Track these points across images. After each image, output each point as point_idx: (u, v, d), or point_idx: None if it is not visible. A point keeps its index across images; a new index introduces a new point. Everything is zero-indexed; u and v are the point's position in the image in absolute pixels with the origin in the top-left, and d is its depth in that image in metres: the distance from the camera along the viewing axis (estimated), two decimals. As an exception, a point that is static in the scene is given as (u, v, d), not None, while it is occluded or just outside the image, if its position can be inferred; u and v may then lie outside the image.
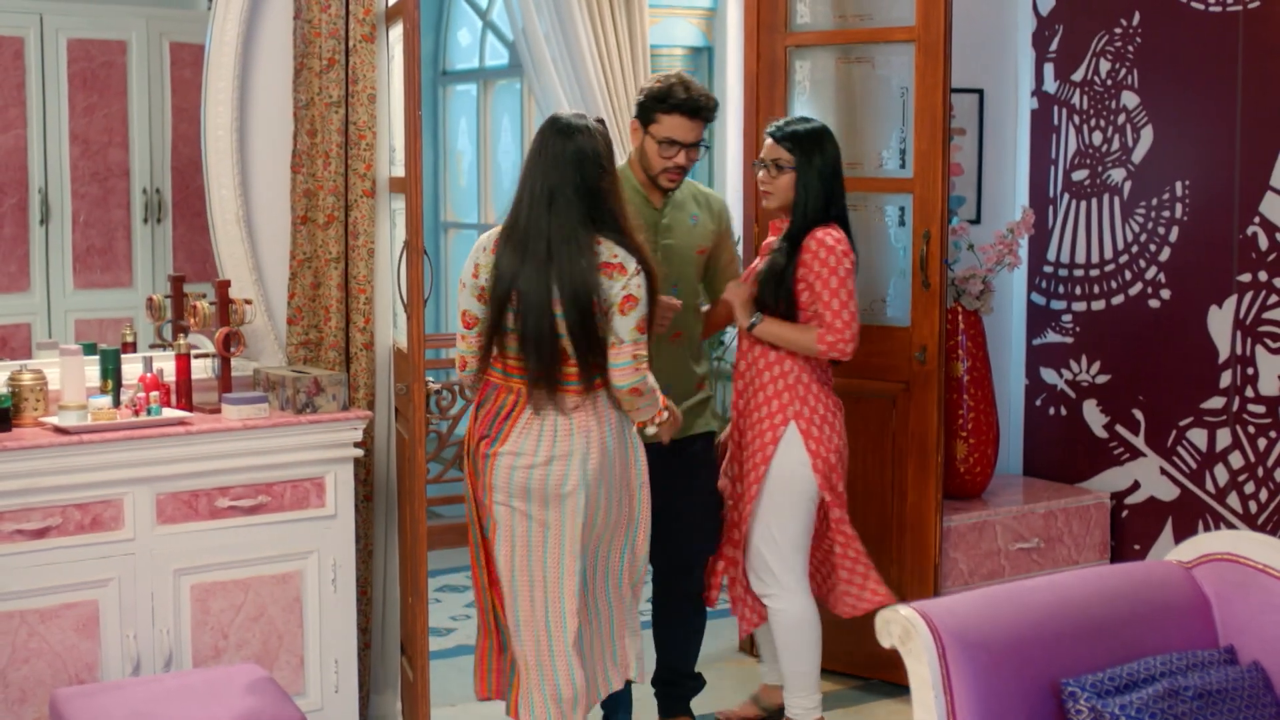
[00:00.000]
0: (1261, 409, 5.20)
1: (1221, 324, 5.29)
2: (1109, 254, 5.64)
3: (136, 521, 3.89)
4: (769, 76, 5.11)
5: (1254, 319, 5.20)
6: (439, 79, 8.75)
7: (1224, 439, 5.31)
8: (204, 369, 4.29)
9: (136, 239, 4.60)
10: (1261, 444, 5.20)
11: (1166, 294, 5.47)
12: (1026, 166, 5.91)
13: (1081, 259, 5.73)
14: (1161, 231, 5.46)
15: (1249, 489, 5.25)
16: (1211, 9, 5.28)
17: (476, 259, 3.81)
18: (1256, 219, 5.17)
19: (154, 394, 3.99)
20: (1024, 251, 5.76)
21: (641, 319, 3.73)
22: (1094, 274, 5.70)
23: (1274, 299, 5.15)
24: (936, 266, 4.79)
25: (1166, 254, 5.46)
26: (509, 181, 7.96)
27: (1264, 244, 5.16)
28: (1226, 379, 5.29)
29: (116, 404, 4.03)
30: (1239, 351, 5.25)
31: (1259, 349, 5.20)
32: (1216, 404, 5.33)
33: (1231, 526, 5.28)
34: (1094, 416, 5.73)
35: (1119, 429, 5.65)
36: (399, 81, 4.20)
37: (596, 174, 3.74)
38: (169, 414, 4.00)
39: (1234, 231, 5.23)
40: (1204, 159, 5.33)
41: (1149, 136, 5.50)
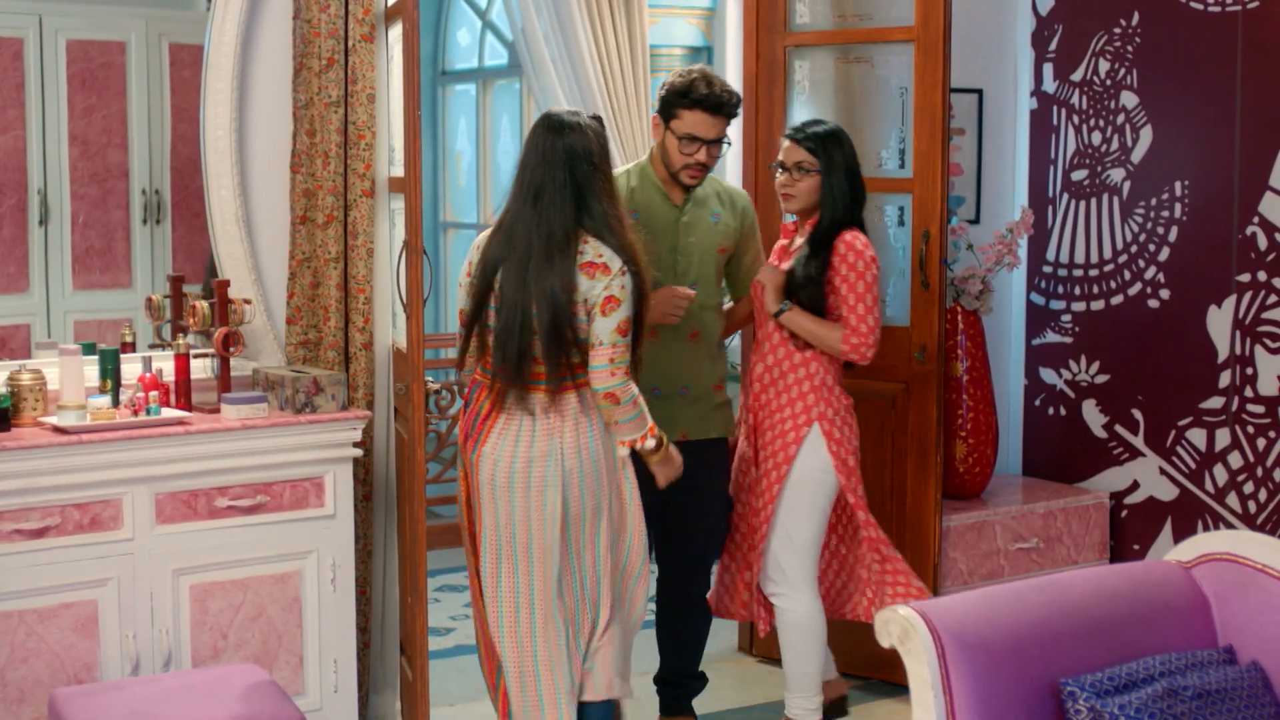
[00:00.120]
0: (1261, 409, 5.20)
1: (1221, 324, 5.29)
2: (1108, 254, 5.64)
3: (135, 521, 3.89)
4: (768, 76, 5.11)
5: (1253, 319, 5.20)
6: (438, 79, 8.75)
7: (1223, 439, 5.31)
8: (203, 369, 4.28)
9: (136, 240, 4.60)
10: (1261, 444, 5.20)
11: (1166, 294, 5.47)
12: (1026, 166, 5.91)
13: (1081, 259, 5.73)
14: (1161, 231, 5.46)
15: (1248, 489, 5.25)
16: (1210, 9, 5.28)
17: (471, 257, 3.83)
18: (1256, 219, 5.17)
19: (153, 394, 3.99)
20: (1023, 251, 5.76)
21: (623, 321, 3.66)
22: (1093, 274, 5.70)
23: (1273, 299, 5.14)
24: (936, 266, 4.79)
25: (1166, 254, 5.46)
26: (508, 181, 7.95)
27: (1263, 244, 5.15)
28: (1226, 379, 5.29)
29: (115, 404, 4.03)
30: (1238, 351, 5.25)
31: (1258, 349, 5.20)
32: (1216, 404, 5.33)
33: (1231, 526, 5.28)
34: (1093, 416, 5.73)
35: (1118, 429, 5.65)
36: (398, 81, 4.19)
37: (587, 172, 3.70)
38: (168, 414, 4.00)
39: (1233, 231, 5.23)
40: (1203, 159, 5.33)
41: (1148, 136, 5.50)
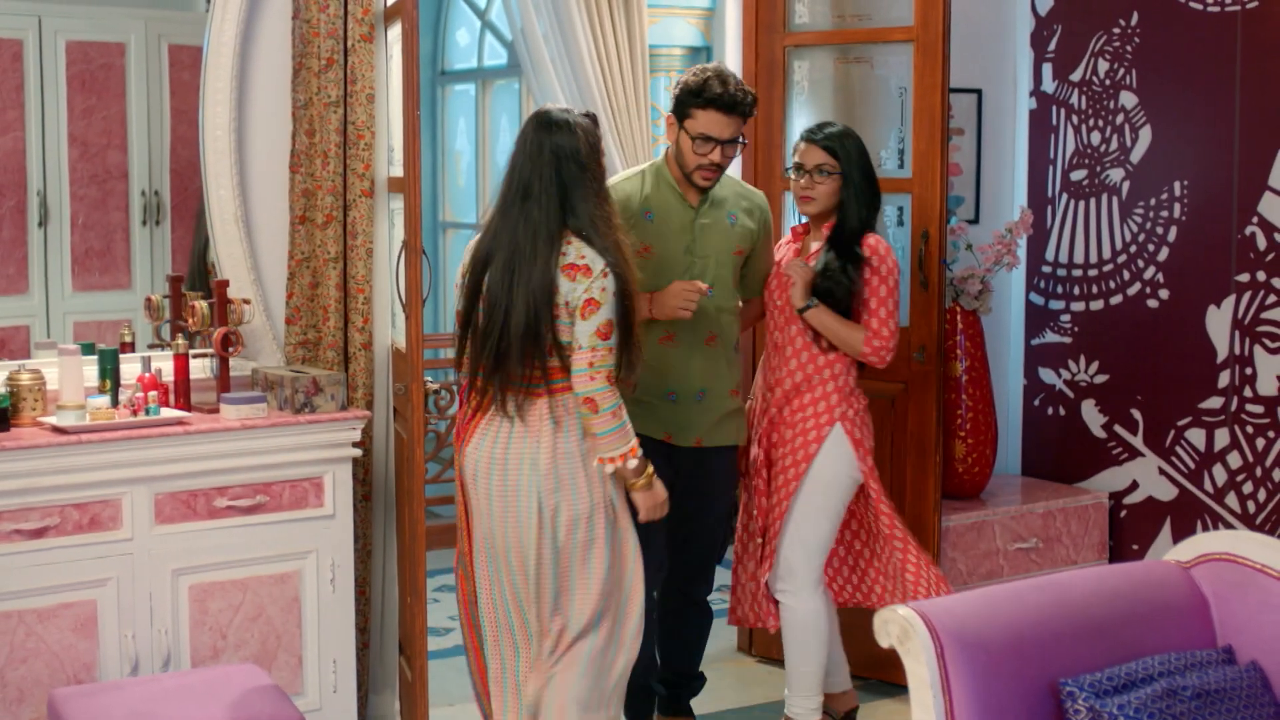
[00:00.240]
0: (1260, 409, 5.20)
1: (1220, 324, 5.30)
2: (1107, 254, 5.64)
3: (135, 521, 3.89)
4: (767, 76, 5.11)
5: (1252, 319, 5.20)
6: (437, 79, 8.75)
7: (1222, 439, 5.31)
8: (202, 369, 4.28)
9: (135, 241, 4.59)
10: (1260, 444, 5.20)
11: (1165, 294, 5.47)
12: (1025, 166, 5.91)
13: (1080, 259, 5.73)
14: (1160, 231, 5.46)
15: (1247, 489, 5.25)
16: (1210, 9, 5.28)
17: (465, 258, 3.82)
18: (1255, 219, 5.17)
19: (152, 394, 3.99)
20: (1022, 251, 5.76)
21: (603, 324, 3.60)
22: (1092, 274, 5.70)
23: (1272, 299, 5.15)
24: (935, 266, 4.79)
25: (1165, 254, 5.46)
26: (507, 182, 7.95)
27: (1262, 244, 5.16)
28: (1225, 379, 5.29)
29: (115, 404, 4.03)
30: (1237, 351, 5.25)
31: (1257, 349, 5.20)
32: (1215, 404, 5.33)
33: (1230, 526, 5.28)
34: (1092, 416, 5.73)
35: (1117, 429, 5.65)
36: (397, 81, 4.19)
37: (574, 171, 3.65)
38: (167, 414, 4.00)
39: (1232, 231, 5.24)
40: (1202, 159, 5.33)
41: (1147, 136, 5.50)
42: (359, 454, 4.21)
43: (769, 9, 5.10)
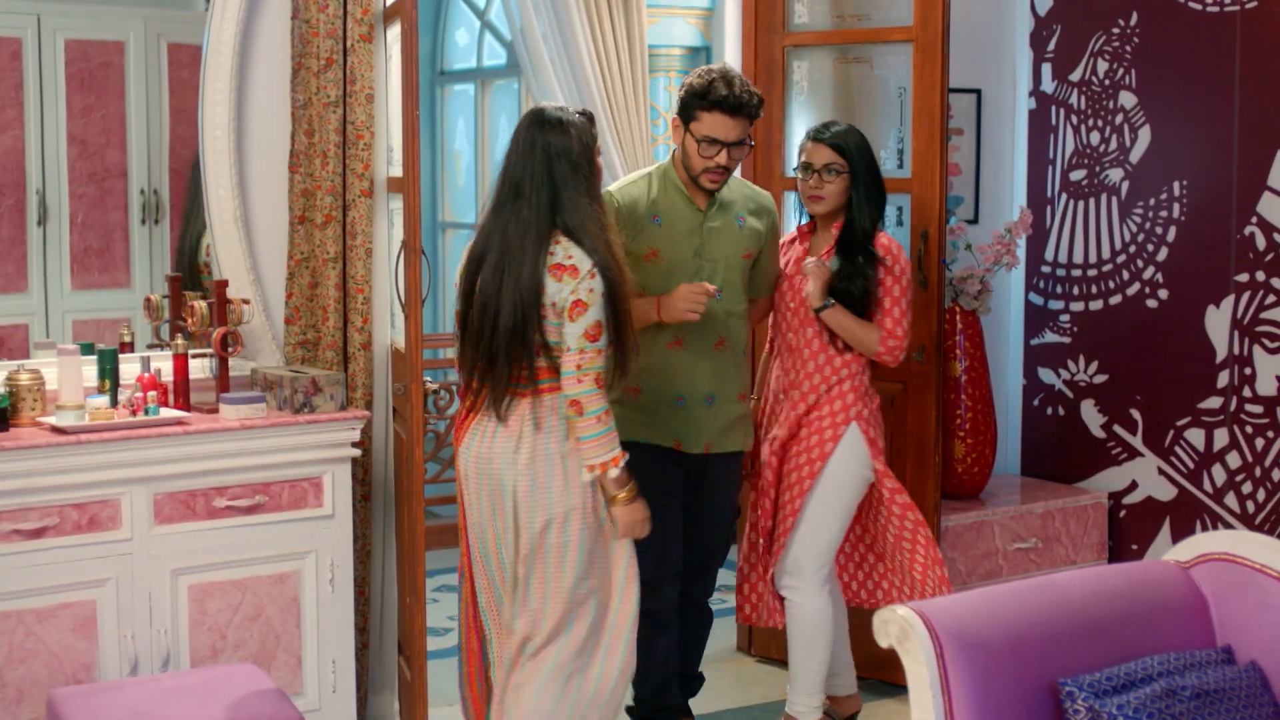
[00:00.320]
0: (1259, 409, 5.20)
1: (1219, 324, 5.30)
2: (1106, 254, 5.64)
3: (134, 521, 3.89)
4: (767, 76, 5.11)
5: (1251, 319, 5.20)
6: (437, 79, 8.75)
7: (1221, 439, 5.31)
8: (202, 369, 4.28)
9: (134, 240, 4.59)
10: (1259, 444, 5.20)
11: (1164, 294, 5.47)
12: (1024, 166, 5.91)
13: (1079, 259, 5.73)
14: (1159, 231, 5.47)
15: (1246, 489, 5.25)
16: (1209, 9, 5.28)
17: (463, 258, 3.81)
18: (1254, 219, 5.18)
19: (151, 394, 3.98)
20: (1022, 251, 5.76)
21: (591, 326, 3.54)
22: (1092, 274, 5.70)
23: (1271, 299, 5.15)
24: (934, 266, 4.79)
25: (1164, 254, 5.46)
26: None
27: (1261, 244, 5.16)
28: (1224, 379, 5.29)
29: (114, 404, 4.03)
30: (1236, 351, 5.25)
31: (1256, 349, 5.20)
32: (1214, 404, 5.33)
33: (1229, 526, 5.28)
34: (1092, 416, 5.73)
35: (1117, 429, 5.65)
36: (397, 81, 4.19)
37: (565, 170, 3.60)
38: (166, 414, 4.00)
39: (1231, 231, 5.24)
40: (1202, 159, 5.34)
41: (1146, 136, 5.50)
42: (358, 454, 4.21)
43: (768, 9, 5.10)
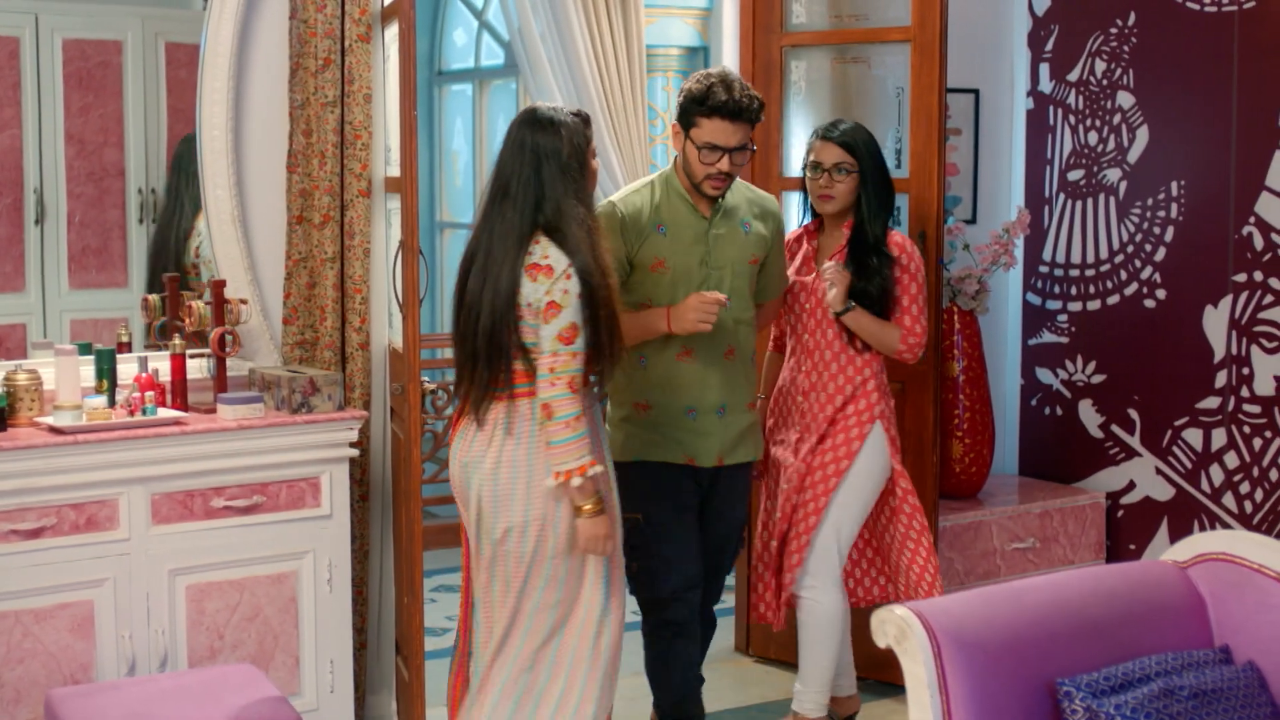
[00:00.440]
0: (1257, 409, 5.21)
1: (1217, 324, 5.30)
2: (1104, 254, 5.64)
3: (131, 521, 3.89)
4: (764, 76, 5.11)
5: (1249, 319, 5.20)
6: (434, 79, 8.74)
7: (1219, 439, 5.31)
8: (199, 369, 4.28)
9: (132, 239, 4.59)
10: (1257, 444, 5.20)
11: (1162, 294, 5.47)
12: (1022, 166, 5.91)
13: (1077, 259, 5.73)
14: (1157, 231, 5.47)
15: (1244, 489, 5.25)
16: (1207, 9, 5.28)
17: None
18: (1252, 219, 5.18)
19: (149, 394, 3.98)
20: (1019, 251, 5.77)
21: (565, 328, 3.47)
22: (1089, 274, 5.70)
23: (1269, 299, 5.15)
24: (932, 266, 4.79)
25: (1162, 254, 5.46)
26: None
27: (1259, 244, 5.16)
28: (1222, 379, 5.30)
29: (112, 404, 4.03)
30: (1234, 351, 5.26)
31: (1254, 349, 5.20)
32: (1212, 404, 5.33)
33: (1227, 526, 5.28)
34: (1089, 416, 5.73)
35: (1114, 429, 5.65)
36: (394, 81, 4.19)
37: (554, 171, 3.55)
38: (164, 414, 4.00)
39: (1229, 231, 5.24)
40: (1199, 159, 5.34)
41: (1144, 136, 5.50)
42: (356, 454, 4.21)
43: (766, 9, 5.10)
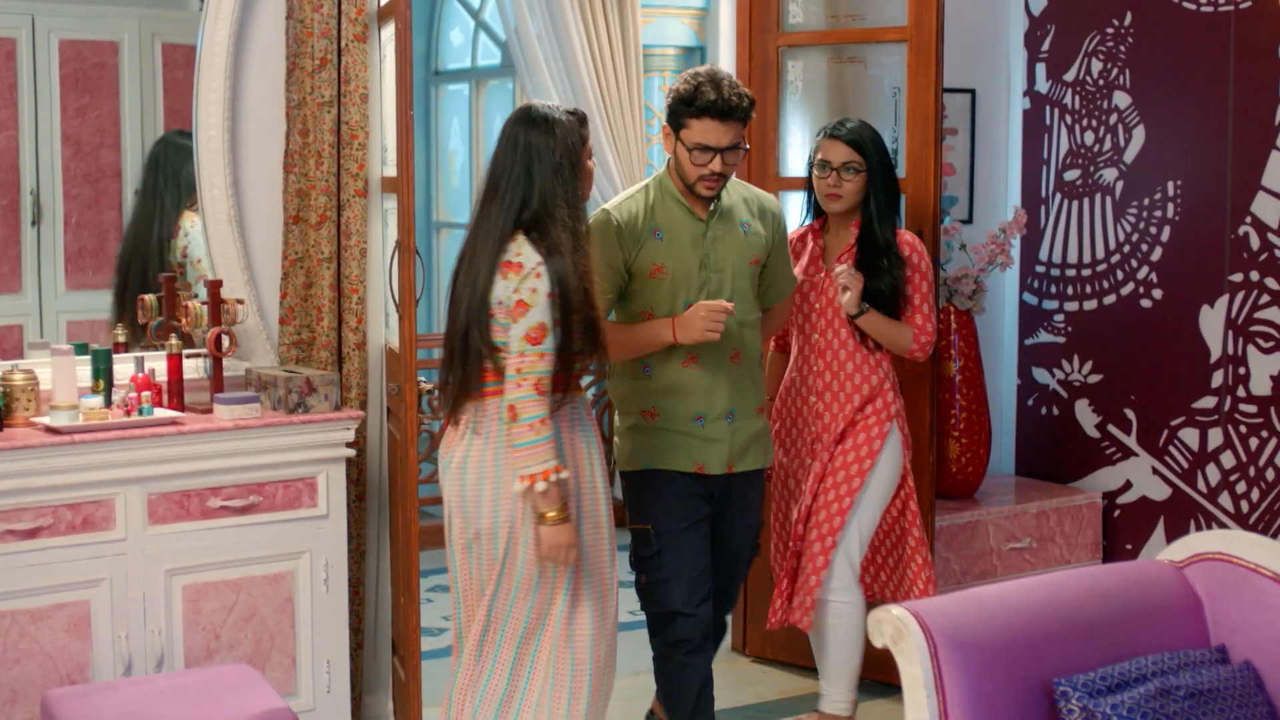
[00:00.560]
0: (1253, 409, 5.21)
1: (1213, 324, 5.30)
2: (1101, 254, 5.65)
3: (128, 522, 3.88)
4: (761, 76, 5.11)
5: (1245, 319, 5.21)
6: (431, 79, 8.74)
7: (1216, 439, 5.32)
8: (196, 369, 4.28)
9: (128, 240, 4.59)
10: (1253, 444, 5.21)
11: (1158, 294, 5.48)
12: (1019, 166, 5.92)
13: (1073, 259, 5.74)
14: (1153, 231, 5.47)
15: (1240, 489, 5.26)
16: (1203, 9, 5.28)
17: None
18: (1248, 219, 5.18)
19: (146, 394, 3.98)
20: (1016, 251, 5.77)
21: (533, 328, 3.40)
22: (1086, 274, 5.71)
23: (1265, 299, 5.15)
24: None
25: (1158, 254, 5.47)
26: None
27: (1255, 244, 5.16)
28: (1218, 379, 5.30)
29: (108, 404, 4.02)
30: (1230, 351, 5.26)
31: (1250, 349, 5.21)
32: (1208, 404, 5.33)
33: (1223, 526, 5.29)
34: (1086, 416, 5.74)
35: (1111, 429, 5.66)
36: (391, 81, 4.19)
37: (546, 171, 3.49)
38: (161, 414, 4.00)
39: (1226, 231, 5.24)
40: (1196, 159, 5.34)
41: (1141, 136, 5.51)
42: (353, 454, 4.21)
43: (763, 9, 5.10)
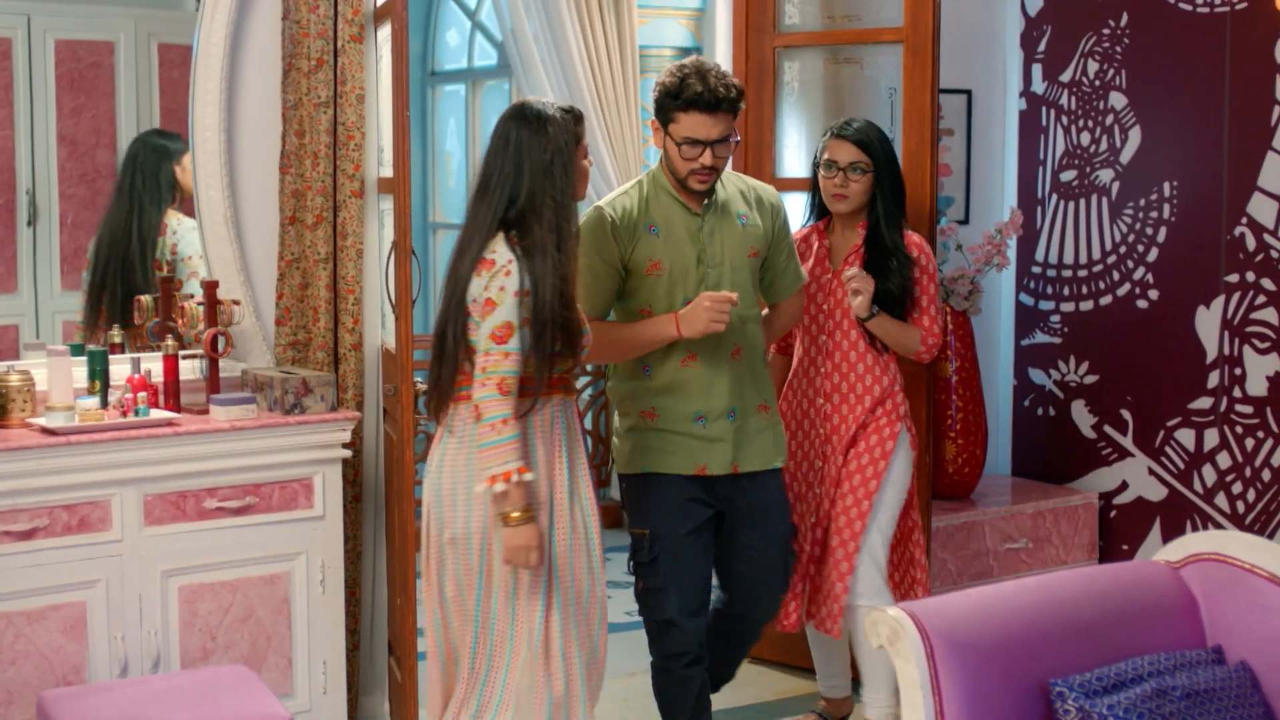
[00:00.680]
0: (1249, 409, 5.21)
1: (1209, 324, 5.31)
2: (1097, 254, 5.65)
3: (124, 523, 3.88)
4: (757, 77, 5.11)
5: (1241, 319, 5.21)
6: (427, 79, 8.74)
7: (1212, 439, 5.32)
8: (192, 370, 4.28)
9: (124, 240, 4.58)
10: (1249, 444, 5.21)
11: (1154, 294, 5.48)
12: (1015, 167, 5.92)
13: (1070, 259, 5.74)
14: (1149, 232, 5.47)
15: (1236, 489, 5.26)
16: (1199, 10, 5.29)
17: None
18: (1244, 220, 5.19)
19: (142, 395, 3.98)
20: (1012, 252, 5.77)
21: (499, 326, 3.34)
22: (1082, 274, 5.71)
23: (1261, 299, 5.16)
24: (925, 267, 4.80)
25: (1154, 254, 5.47)
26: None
27: (1251, 244, 5.17)
28: (1214, 379, 5.30)
29: (104, 405, 4.02)
30: (1227, 352, 5.26)
31: (1246, 349, 5.21)
32: (1204, 404, 5.34)
33: (1219, 526, 5.29)
34: (1082, 417, 5.74)
35: (1107, 429, 5.66)
36: (387, 82, 4.19)
37: (536, 169, 3.44)
38: (157, 415, 3.99)
39: (1222, 232, 5.25)
40: (1192, 160, 5.35)
41: (1137, 137, 5.51)
42: (349, 455, 4.21)
43: (759, 10, 5.10)
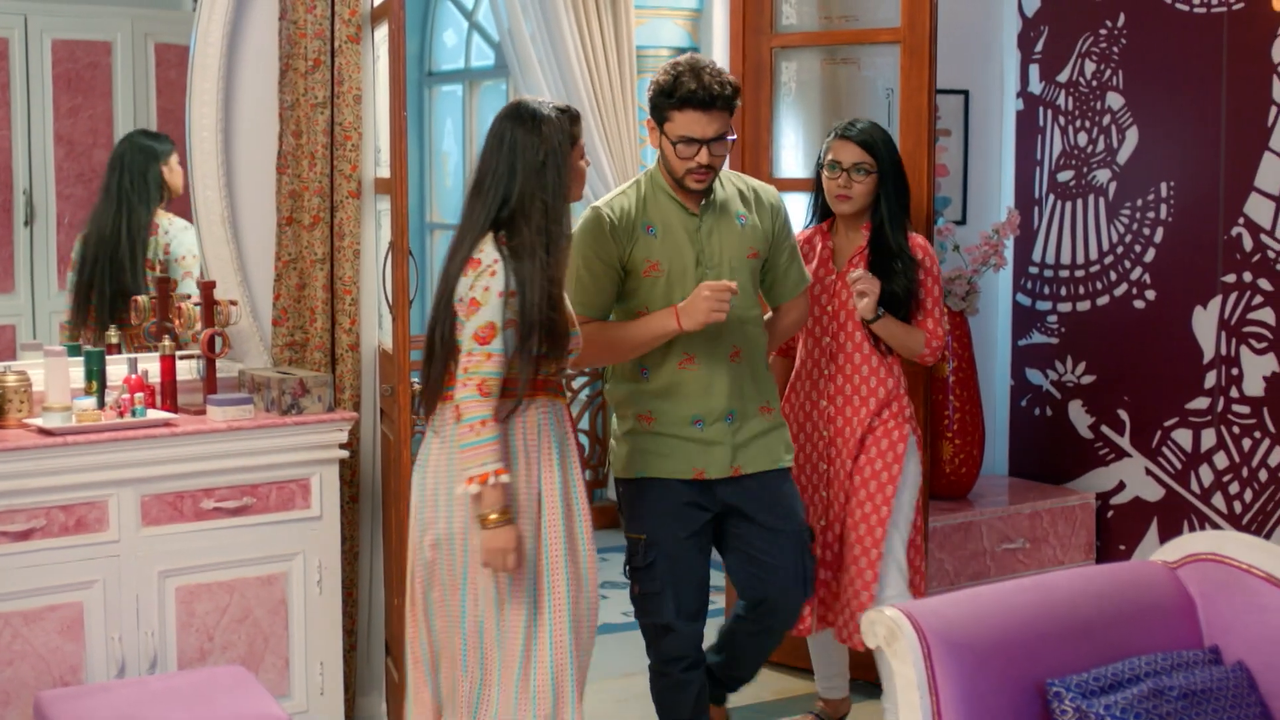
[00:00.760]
0: (1246, 409, 5.22)
1: (1206, 325, 5.31)
2: (1094, 255, 5.65)
3: (121, 523, 3.88)
4: (754, 78, 5.11)
5: (1238, 319, 5.22)
6: (425, 80, 8.74)
7: (1209, 439, 5.32)
8: (189, 370, 4.28)
9: (122, 241, 4.58)
10: (1246, 444, 5.21)
11: (1151, 295, 5.48)
12: (1012, 167, 5.92)
13: (1067, 260, 5.74)
14: (1146, 232, 5.48)
15: (1234, 489, 5.26)
16: (1196, 10, 5.29)
17: None
18: (1241, 220, 5.19)
19: (139, 395, 3.98)
20: (1009, 252, 5.77)
21: (482, 327, 3.32)
22: (1079, 275, 5.71)
23: (1258, 300, 5.16)
24: (922, 267, 4.80)
25: (1151, 255, 5.47)
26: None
27: (1248, 245, 5.17)
28: (1211, 379, 5.31)
29: (101, 405, 4.02)
30: (1224, 352, 5.27)
31: (1243, 349, 5.21)
32: (1201, 404, 5.34)
33: (1216, 527, 5.30)
34: (1079, 417, 5.74)
35: (1104, 429, 5.66)
36: (384, 82, 4.19)
37: (530, 169, 3.41)
38: (154, 415, 3.99)
39: (1219, 232, 5.25)
40: (1189, 160, 5.35)
41: (1134, 137, 5.51)
42: (346, 455, 4.21)
43: (756, 10, 5.10)
